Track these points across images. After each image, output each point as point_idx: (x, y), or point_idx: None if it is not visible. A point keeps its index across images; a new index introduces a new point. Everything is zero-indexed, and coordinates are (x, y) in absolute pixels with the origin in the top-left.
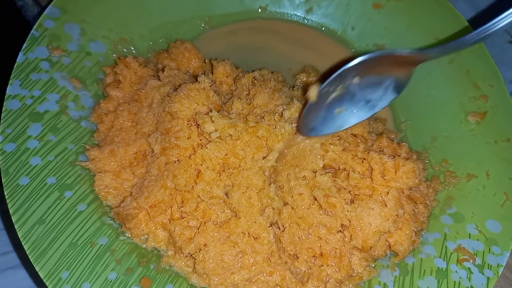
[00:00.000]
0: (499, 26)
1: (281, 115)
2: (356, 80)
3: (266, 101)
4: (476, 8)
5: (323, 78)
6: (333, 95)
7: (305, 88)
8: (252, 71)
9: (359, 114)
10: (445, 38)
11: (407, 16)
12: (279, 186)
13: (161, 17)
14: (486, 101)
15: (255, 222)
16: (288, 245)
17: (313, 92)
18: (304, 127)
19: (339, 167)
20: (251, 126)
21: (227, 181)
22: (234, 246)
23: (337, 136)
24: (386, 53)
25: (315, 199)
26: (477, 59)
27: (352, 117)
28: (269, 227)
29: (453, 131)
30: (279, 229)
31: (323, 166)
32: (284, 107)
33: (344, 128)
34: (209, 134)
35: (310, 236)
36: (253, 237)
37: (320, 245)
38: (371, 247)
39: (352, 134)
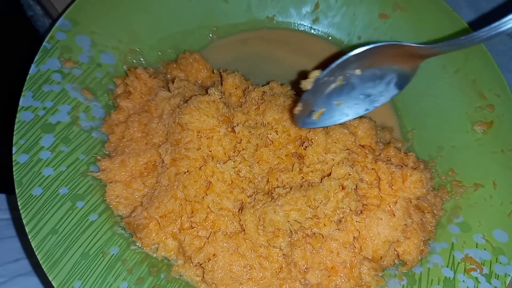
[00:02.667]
0: (509, 25)
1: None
2: (357, 72)
3: (276, 119)
4: (480, 14)
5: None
6: (333, 85)
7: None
8: (262, 85)
9: (358, 108)
10: None
11: (412, 26)
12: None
13: (170, 28)
14: (492, 111)
15: (260, 246)
16: (299, 260)
17: (308, 81)
18: (299, 117)
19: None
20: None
21: (238, 196)
22: (243, 258)
23: (347, 149)
24: (393, 43)
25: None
26: (483, 68)
27: (350, 111)
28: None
29: (460, 141)
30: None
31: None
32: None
33: (340, 122)
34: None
35: (321, 250)
36: (262, 255)
37: (332, 258)
38: (381, 257)
39: (360, 145)
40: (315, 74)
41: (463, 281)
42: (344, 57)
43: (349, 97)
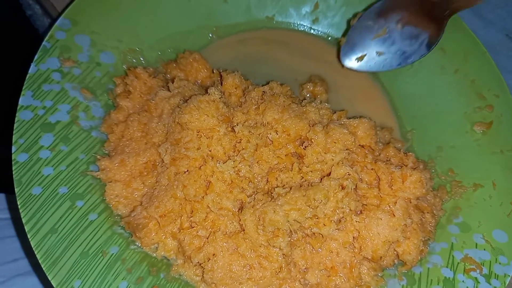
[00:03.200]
0: None
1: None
2: (398, 26)
3: (276, 119)
4: (484, 19)
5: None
6: (377, 33)
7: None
8: (262, 85)
9: (393, 61)
10: (450, 49)
11: None
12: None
13: (170, 28)
14: (491, 111)
15: (260, 246)
16: (299, 260)
17: (355, 18)
18: (344, 52)
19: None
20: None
21: (238, 196)
22: (242, 258)
23: (346, 149)
24: None
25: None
26: (482, 68)
27: (384, 63)
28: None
29: (459, 141)
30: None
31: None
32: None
33: (376, 70)
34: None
35: (320, 250)
36: (261, 255)
37: (331, 258)
38: (381, 257)
39: (360, 145)
40: (360, 13)
41: (463, 281)
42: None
43: (388, 50)
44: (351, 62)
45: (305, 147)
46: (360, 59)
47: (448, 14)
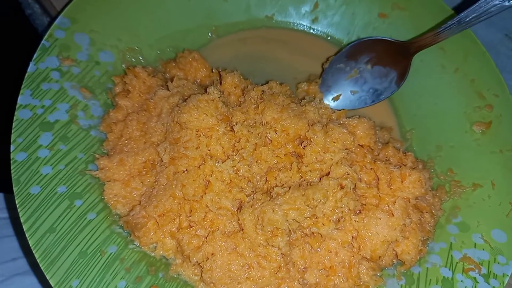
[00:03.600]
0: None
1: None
2: (368, 66)
3: (275, 118)
4: None
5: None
6: (350, 74)
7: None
8: (261, 84)
9: (367, 99)
10: (450, 48)
11: (412, 25)
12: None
13: (169, 27)
14: (491, 111)
15: (259, 245)
16: (298, 260)
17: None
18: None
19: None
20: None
21: (237, 195)
22: (241, 257)
23: (346, 149)
24: (385, 39)
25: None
26: (482, 68)
27: (359, 101)
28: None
29: (458, 141)
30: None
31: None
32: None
33: (351, 108)
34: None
35: (319, 250)
36: (260, 255)
37: (330, 258)
38: (379, 257)
39: (359, 144)
40: (331, 57)
41: (462, 281)
42: (351, 45)
43: (361, 89)
44: (328, 102)
45: (304, 146)
46: (335, 98)
47: (413, 52)
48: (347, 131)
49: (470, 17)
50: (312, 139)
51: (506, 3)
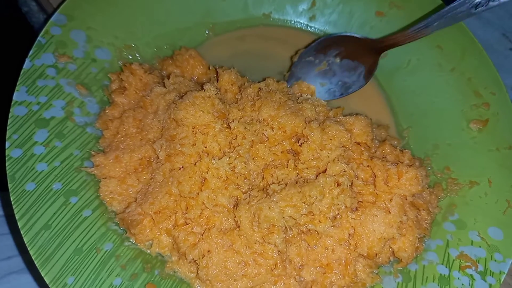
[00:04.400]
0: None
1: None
2: (337, 60)
3: (272, 116)
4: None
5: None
6: (319, 66)
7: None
8: (258, 82)
9: (336, 92)
10: (447, 47)
11: (409, 24)
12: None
13: (166, 24)
14: (487, 109)
15: (255, 243)
16: (294, 257)
17: (295, 55)
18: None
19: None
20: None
21: (234, 192)
22: (237, 255)
23: (342, 146)
24: (355, 36)
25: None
26: (479, 66)
27: (328, 93)
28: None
29: (455, 139)
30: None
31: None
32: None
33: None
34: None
35: (316, 247)
36: (256, 252)
37: (327, 255)
38: (376, 254)
39: (356, 142)
40: (301, 50)
41: (458, 278)
42: (321, 39)
43: (330, 81)
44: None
45: (301, 144)
46: None
47: (381, 50)
48: (344, 128)
49: (437, 22)
50: (309, 137)
51: (473, 10)
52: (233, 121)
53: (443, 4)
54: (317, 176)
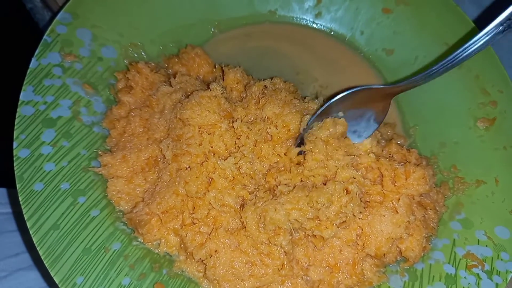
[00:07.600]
0: (465, 54)
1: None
2: (340, 114)
3: (276, 114)
4: (483, 8)
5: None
6: None
7: None
8: (264, 80)
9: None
10: (454, 43)
11: (416, 21)
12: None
13: (171, 22)
14: (495, 107)
15: (261, 244)
16: (301, 257)
17: (301, 124)
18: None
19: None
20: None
21: (240, 192)
22: (244, 255)
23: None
24: (364, 88)
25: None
26: (486, 64)
27: None
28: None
29: (462, 137)
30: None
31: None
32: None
33: None
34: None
35: (323, 248)
36: (263, 253)
37: (334, 256)
38: (384, 254)
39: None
40: (306, 119)
41: (465, 277)
42: (325, 105)
43: None
44: None
45: (305, 155)
46: None
47: (391, 95)
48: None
49: (441, 69)
50: (311, 150)
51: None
52: (236, 121)
53: (450, 1)
54: (325, 182)
